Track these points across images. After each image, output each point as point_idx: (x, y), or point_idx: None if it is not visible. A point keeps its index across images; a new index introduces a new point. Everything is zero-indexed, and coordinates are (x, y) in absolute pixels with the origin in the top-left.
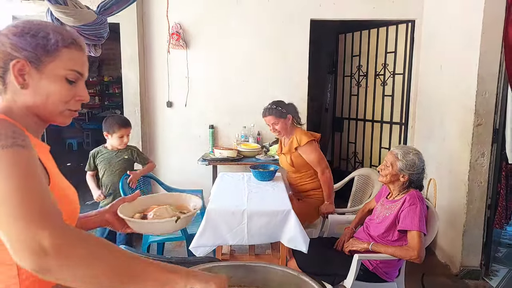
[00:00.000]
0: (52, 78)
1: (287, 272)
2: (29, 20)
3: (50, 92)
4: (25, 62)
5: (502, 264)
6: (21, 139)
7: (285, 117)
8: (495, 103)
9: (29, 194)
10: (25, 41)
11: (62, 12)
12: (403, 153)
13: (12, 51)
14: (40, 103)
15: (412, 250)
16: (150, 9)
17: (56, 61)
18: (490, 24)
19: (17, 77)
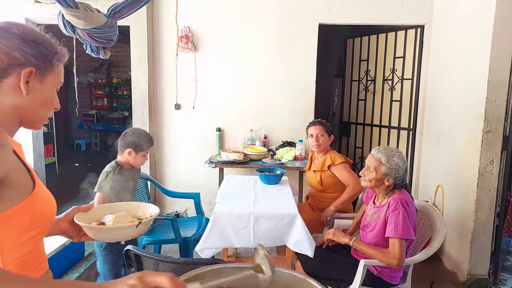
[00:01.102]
0: (49, 88)
1: (293, 275)
2: (32, 27)
3: (45, 100)
4: (34, 71)
5: (510, 273)
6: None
7: (329, 134)
8: (505, 109)
9: None
10: (35, 50)
11: (73, 15)
12: (387, 157)
13: (22, 57)
14: (33, 109)
15: (393, 258)
16: (159, 12)
17: (53, 73)
18: (501, 30)
19: (24, 84)
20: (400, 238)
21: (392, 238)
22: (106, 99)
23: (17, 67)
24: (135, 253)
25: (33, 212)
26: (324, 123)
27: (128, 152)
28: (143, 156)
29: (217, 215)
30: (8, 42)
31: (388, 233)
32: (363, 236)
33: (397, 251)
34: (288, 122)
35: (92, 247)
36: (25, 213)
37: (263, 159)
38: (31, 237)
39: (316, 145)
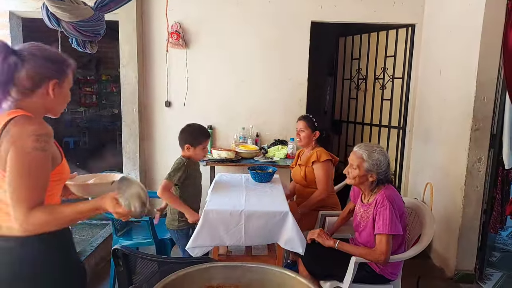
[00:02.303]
0: (66, 90)
1: (284, 274)
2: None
3: (64, 98)
4: (57, 82)
5: (496, 269)
6: (47, 143)
7: (313, 130)
8: (493, 108)
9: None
10: (55, 66)
11: (57, 8)
12: (368, 153)
13: (47, 72)
14: (57, 105)
15: (380, 254)
16: (149, 7)
17: (68, 80)
18: (490, 29)
19: (52, 91)
20: (387, 234)
21: (379, 234)
22: (95, 96)
23: (45, 80)
24: (123, 252)
25: (62, 172)
26: (307, 118)
27: (186, 147)
28: (202, 150)
29: (208, 213)
30: (36, 63)
31: (376, 230)
32: (358, 236)
33: (384, 248)
34: (280, 120)
35: (79, 246)
36: (59, 172)
37: (254, 157)
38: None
39: (298, 141)
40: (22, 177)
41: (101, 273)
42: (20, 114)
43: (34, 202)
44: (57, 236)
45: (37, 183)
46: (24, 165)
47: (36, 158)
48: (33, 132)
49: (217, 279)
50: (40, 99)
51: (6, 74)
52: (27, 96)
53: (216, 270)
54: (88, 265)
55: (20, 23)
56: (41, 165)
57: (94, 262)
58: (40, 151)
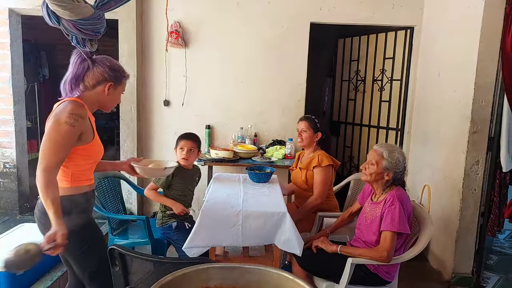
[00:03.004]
0: (118, 94)
1: (281, 275)
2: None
3: (115, 98)
4: (112, 84)
5: (493, 272)
6: (77, 121)
7: (315, 131)
8: (491, 111)
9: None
10: (114, 74)
11: (58, 5)
12: (389, 152)
13: (107, 76)
14: (109, 102)
15: (382, 251)
16: (149, 6)
17: (121, 86)
18: (488, 33)
19: (107, 90)
20: (393, 232)
21: (385, 231)
22: None
23: (104, 81)
24: (120, 252)
25: (90, 151)
26: (310, 119)
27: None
28: (180, 150)
29: (205, 213)
30: (103, 69)
31: (383, 227)
32: (360, 234)
33: (388, 244)
34: (278, 121)
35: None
36: (87, 149)
37: (253, 157)
38: (87, 163)
39: (299, 141)
40: (49, 141)
41: None
42: (72, 99)
43: (50, 164)
44: None
45: (58, 150)
46: (53, 132)
47: (64, 129)
48: (69, 110)
49: (215, 280)
50: (97, 94)
51: (80, 72)
52: (89, 90)
53: (214, 271)
54: None
55: (19, 21)
56: (66, 135)
57: None
58: (69, 125)
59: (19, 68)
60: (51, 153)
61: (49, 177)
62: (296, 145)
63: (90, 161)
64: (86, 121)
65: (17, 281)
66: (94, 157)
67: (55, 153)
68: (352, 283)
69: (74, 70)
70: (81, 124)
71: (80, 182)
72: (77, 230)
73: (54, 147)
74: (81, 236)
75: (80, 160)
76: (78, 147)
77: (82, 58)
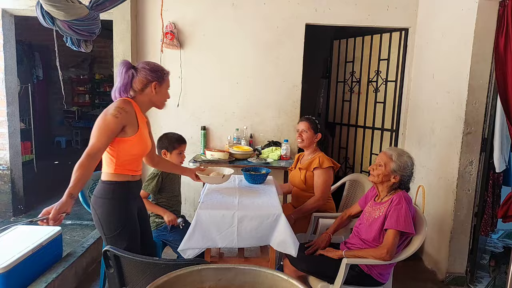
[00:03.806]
0: (164, 90)
1: (276, 276)
2: (153, 62)
3: (163, 95)
4: (157, 83)
5: (487, 271)
6: (120, 113)
7: (316, 132)
8: (485, 112)
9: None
10: (157, 74)
11: (52, 6)
12: (398, 155)
13: (152, 78)
14: (158, 99)
15: (382, 248)
16: (144, 7)
17: (165, 83)
18: (482, 34)
19: (154, 89)
20: (396, 230)
21: (389, 229)
22: (88, 96)
23: (150, 82)
24: (115, 254)
25: (132, 144)
26: (310, 120)
27: (163, 153)
28: (178, 155)
29: (200, 214)
30: (146, 73)
31: (387, 225)
32: (358, 232)
33: (390, 242)
34: (274, 122)
35: (70, 247)
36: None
37: (248, 158)
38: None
39: (299, 141)
40: (96, 128)
41: (91, 275)
42: (122, 98)
43: (92, 147)
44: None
45: (101, 136)
46: (100, 120)
47: (108, 119)
48: (116, 104)
49: (209, 281)
50: (147, 95)
51: (127, 81)
52: (139, 94)
53: (208, 272)
54: (79, 267)
55: (12, 21)
56: (109, 124)
57: (85, 263)
58: (114, 116)
59: (13, 69)
60: (95, 139)
61: (86, 160)
62: (292, 147)
63: (132, 153)
64: (131, 117)
65: (12, 283)
66: (136, 150)
67: (98, 138)
68: (345, 283)
69: (121, 80)
70: (124, 117)
71: (123, 171)
72: (112, 214)
73: (98, 133)
74: (114, 221)
75: (122, 151)
76: (121, 138)
77: (127, 68)
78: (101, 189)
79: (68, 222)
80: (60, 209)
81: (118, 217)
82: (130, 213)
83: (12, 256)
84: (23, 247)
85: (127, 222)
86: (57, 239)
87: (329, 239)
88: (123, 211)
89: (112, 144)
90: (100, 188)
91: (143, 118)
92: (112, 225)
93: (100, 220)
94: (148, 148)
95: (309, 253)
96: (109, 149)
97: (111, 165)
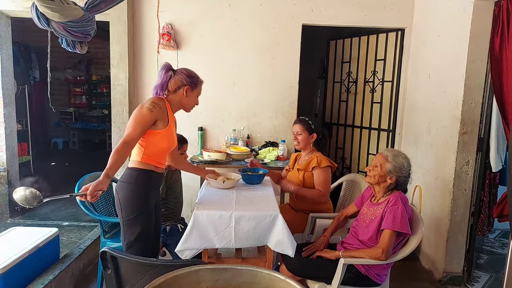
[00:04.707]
0: (194, 96)
1: (273, 276)
2: (190, 69)
3: (192, 100)
4: (189, 87)
5: (483, 271)
6: (154, 108)
7: (310, 133)
8: (481, 112)
9: (135, 129)
10: (191, 79)
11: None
12: (393, 156)
13: (186, 82)
14: (187, 103)
15: (378, 248)
16: (140, 8)
17: (197, 90)
18: (477, 34)
19: (185, 92)
20: (392, 231)
21: (385, 230)
22: (85, 97)
23: (183, 85)
24: (112, 255)
25: (160, 137)
26: (303, 121)
27: None
28: (181, 155)
29: (197, 215)
30: (182, 77)
31: (384, 226)
32: (355, 232)
33: (386, 242)
34: (271, 123)
35: (67, 248)
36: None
37: (245, 159)
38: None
39: (296, 144)
40: (132, 119)
41: (88, 276)
42: (157, 96)
43: (128, 136)
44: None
45: (136, 126)
46: (137, 112)
47: (144, 112)
48: (152, 100)
49: (207, 281)
50: (178, 96)
51: (165, 80)
52: (172, 94)
53: (206, 273)
54: (76, 268)
55: (9, 23)
56: (144, 116)
57: (82, 265)
58: (148, 110)
59: (9, 71)
60: (131, 128)
61: (122, 147)
62: (289, 147)
63: (160, 145)
64: (163, 112)
65: (9, 284)
66: (164, 144)
67: (133, 128)
68: (343, 284)
69: (161, 79)
70: (157, 112)
71: (149, 161)
72: (132, 198)
73: (134, 123)
74: (133, 205)
75: (152, 142)
76: (152, 130)
77: (166, 69)
78: (127, 174)
79: (65, 224)
80: (97, 186)
81: (137, 201)
82: (148, 201)
83: (9, 258)
84: (20, 248)
85: (144, 208)
86: (54, 241)
87: (327, 242)
88: (143, 197)
89: (144, 135)
90: (126, 174)
91: (173, 117)
92: (130, 208)
93: (120, 203)
94: (174, 144)
95: (306, 255)
96: (140, 139)
97: (140, 154)
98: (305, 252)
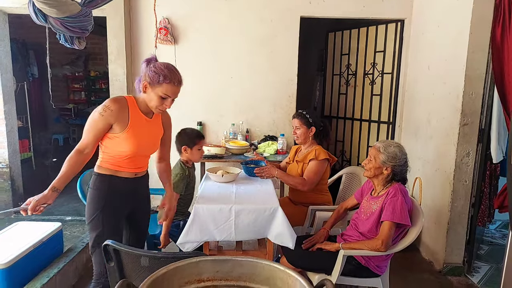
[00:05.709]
0: (154, 95)
1: (273, 267)
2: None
3: (152, 100)
4: (147, 84)
5: (484, 261)
6: (105, 111)
7: (308, 127)
8: (482, 103)
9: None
10: (152, 75)
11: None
12: (385, 146)
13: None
14: (148, 102)
15: (377, 239)
16: (137, 2)
17: (157, 89)
18: (478, 24)
19: (144, 88)
20: (392, 222)
21: (385, 221)
22: (84, 93)
23: (144, 81)
24: (114, 248)
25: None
26: (301, 115)
27: (183, 149)
28: (198, 150)
29: (198, 209)
30: (147, 71)
31: (383, 217)
32: (355, 225)
33: (385, 234)
34: (270, 117)
35: (70, 242)
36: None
37: (245, 153)
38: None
39: (295, 138)
40: (86, 125)
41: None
42: (113, 97)
43: (81, 144)
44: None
45: (88, 132)
46: (90, 119)
47: (95, 116)
48: (104, 103)
49: (207, 273)
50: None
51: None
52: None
53: (206, 264)
54: (79, 262)
55: (6, 19)
56: (94, 121)
57: (85, 258)
58: (99, 114)
59: (8, 68)
60: (84, 134)
61: (75, 154)
62: (288, 141)
63: (118, 150)
64: (119, 115)
65: (14, 278)
66: (123, 148)
67: (86, 134)
68: (343, 275)
69: (141, 73)
70: (109, 115)
71: (106, 165)
72: (90, 202)
73: (87, 129)
74: (90, 209)
75: (109, 147)
76: (108, 134)
77: (146, 63)
78: (91, 179)
79: (68, 218)
80: (39, 201)
81: (95, 206)
82: (107, 205)
83: (13, 252)
84: (25, 243)
85: (101, 214)
86: (57, 235)
87: (327, 235)
88: (101, 202)
89: (102, 139)
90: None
91: (141, 117)
92: (88, 214)
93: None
94: (143, 147)
95: (306, 247)
96: (100, 143)
97: (100, 158)
98: (305, 244)
